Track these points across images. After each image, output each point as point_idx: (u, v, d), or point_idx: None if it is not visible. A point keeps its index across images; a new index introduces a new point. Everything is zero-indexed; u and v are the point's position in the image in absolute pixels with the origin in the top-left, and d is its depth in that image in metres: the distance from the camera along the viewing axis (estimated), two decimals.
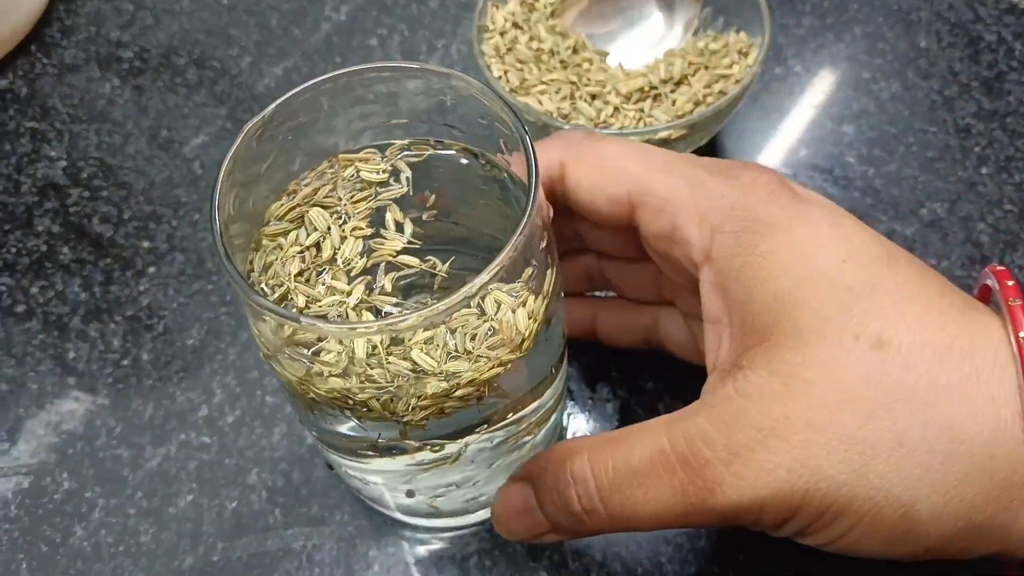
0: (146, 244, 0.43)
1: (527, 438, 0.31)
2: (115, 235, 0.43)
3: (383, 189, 0.28)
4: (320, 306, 0.26)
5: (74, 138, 0.47)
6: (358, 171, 0.28)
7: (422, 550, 0.35)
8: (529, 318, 0.25)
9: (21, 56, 0.50)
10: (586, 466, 0.26)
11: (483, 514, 0.34)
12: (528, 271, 0.25)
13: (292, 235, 0.27)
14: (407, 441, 0.27)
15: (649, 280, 0.33)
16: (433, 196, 0.28)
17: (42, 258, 0.43)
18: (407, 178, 0.28)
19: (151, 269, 0.42)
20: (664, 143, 0.39)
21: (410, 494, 0.32)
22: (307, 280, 0.27)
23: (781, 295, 0.25)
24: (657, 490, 0.25)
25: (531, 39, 0.42)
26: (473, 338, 0.24)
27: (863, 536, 0.24)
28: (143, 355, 0.40)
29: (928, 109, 0.45)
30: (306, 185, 0.28)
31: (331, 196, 0.28)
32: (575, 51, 0.42)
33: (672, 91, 0.40)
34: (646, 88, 0.40)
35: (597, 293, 0.37)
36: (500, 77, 0.41)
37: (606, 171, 0.29)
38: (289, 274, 0.26)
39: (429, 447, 0.27)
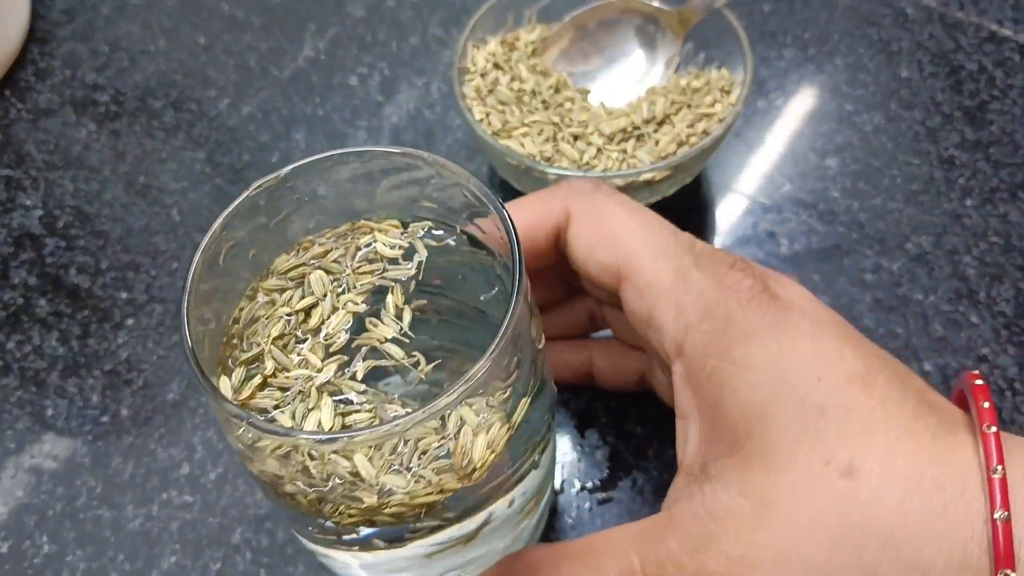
0: (124, 295, 0.42)
1: (492, 540, 0.30)
2: (92, 286, 0.42)
3: (392, 266, 0.27)
4: (287, 376, 0.25)
5: (50, 185, 0.46)
6: (374, 240, 0.27)
7: None
8: (488, 448, 0.24)
9: None
10: None
11: None
12: (502, 393, 0.24)
13: (287, 294, 0.27)
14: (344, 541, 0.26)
15: None
16: (438, 281, 0.27)
17: (18, 311, 0.42)
18: (420, 262, 0.27)
19: (129, 321, 0.41)
20: (648, 184, 0.39)
21: None
22: (285, 345, 0.26)
23: (753, 409, 0.25)
24: None
25: (512, 79, 0.42)
26: (423, 454, 0.23)
27: None
28: (123, 411, 0.39)
29: (911, 140, 0.45)
30: (321, 244, 0.28)
31: (339, 262, 0.27)
32: (557, 90, 0.42)
33: (655, 131, 0.40)
34: (629, 128, 0.40)
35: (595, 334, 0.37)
36: (482, 120, 0.40)
37: (603, 236, 0.29)
38: (268, 336, 0.26)
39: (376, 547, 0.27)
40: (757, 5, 0.51)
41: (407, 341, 0.25)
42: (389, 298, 0.26)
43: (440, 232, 0.28)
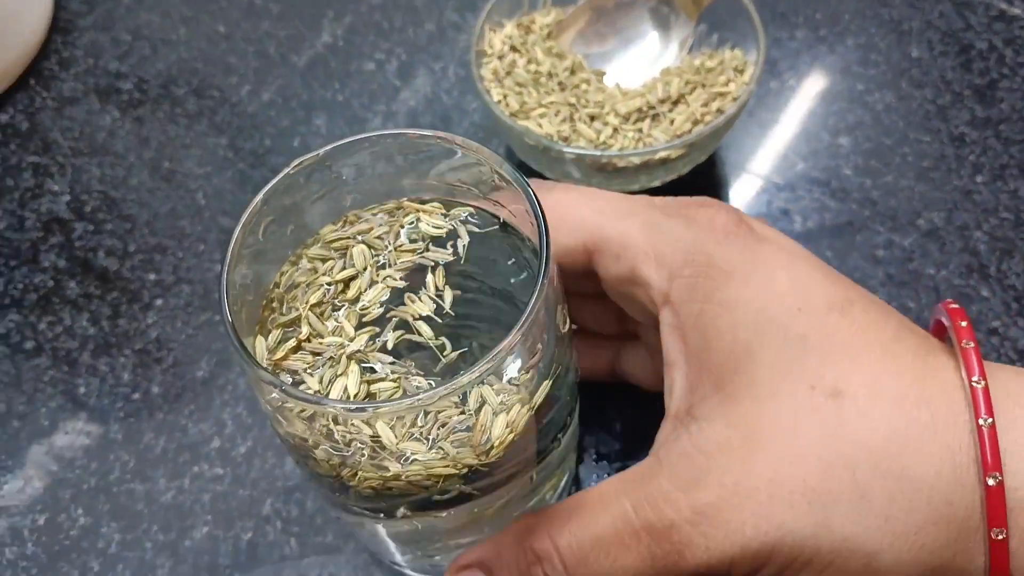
0: (152, 276, 0.43)
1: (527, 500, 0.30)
2: (121, 268, 0.43)
3: (434, 248, 0.28)
4: (320, 342, 0.26)
5: (76, 172, 0.47)
6: (418, 220, 0.28)
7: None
8: (507, 428, 0.24)
9: (20, 90, 0.50)
10: (547, 542, 0.26)
11: None
12: (525, 374, 0.25)
13: (329, 264, 0.28)
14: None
15: (610, 315, 0.33)
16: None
17: (49, 293, 0.43)
18: (464, 245, 0.28)
19: (158, 301, 0.42)
20: (663, 163, 0.39)
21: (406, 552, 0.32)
22: (322, 313, 0.27)
23: (738, 346, 0.25)
24: (625, 557, 0.25)
25: (529, 62, 0.42)
26: (443, 426, 0.24)
27: None
28: (153, 388, 0.40)
29: (922, 119, 0.46)
30: (367, 220, 0.28)
31: (382, 238, 0.28)
32: (572, 72, 0.43)
33: (670, 110, 0.41)
34: (644, 108, 0.40)
35: None
36: (500, 101, 0.41)
37: (560, 221, 0.29)
38: (307, 302, 0.27)
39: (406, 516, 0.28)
40: None
41: (439, 321, 0.26)
42: (430, 277, 0.27)
43: (479, 220, 0.28)
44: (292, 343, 0.26)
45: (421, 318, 0.26)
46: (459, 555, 0.28)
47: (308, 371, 0.26)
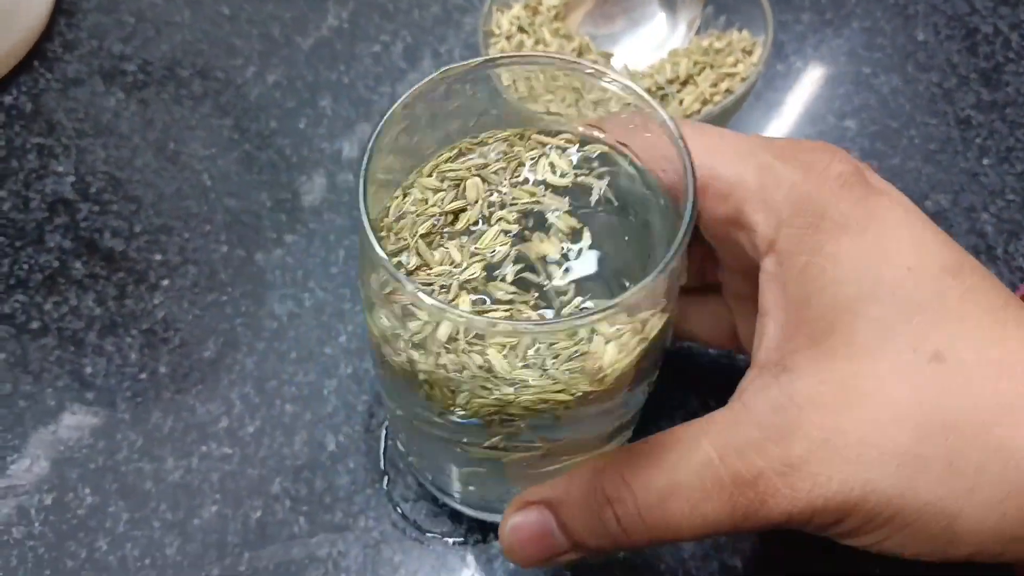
0: (158, 257, 0.43)
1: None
2: (127, 249, 0.43)
3: (553, 197, 0.27)
4: (429, 273, 0.26)
5: (81, 153, 0.47)
6: (546, 162, 0.28)
7: (447, 552, 0.35)
8: (620, 352, 0.24)
9: (24, 72, 0.50)
10: (621, 485, 0.25)
11: None
12: (641, 313, 0.24)
13: (440, 195, 0.27)
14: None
15: (691, 265, 0.33)
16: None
17: (55, 274, 0.43)
18: (603, 194, 0.27)
19: (164, 282, 0.42)
20: None
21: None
22: (430, 243, 0.27)
23: (841, 303, 0.25)
24: (704, 504, 0.24)
25: (536, 43, 0.42)
26: (556, 356, 0.24)
27: (905, 542, 0.24)
28: (160, 368, 0.40)
29: (928, 102, 0.46)
30: (482, 152, 0.28)
31: (499, 174, 0.28)
32: (580, 54, 0.42)
33: (679, 91, 0.41)
34: (653, 89, 0.40)
35: None
36: (509, 86, 0.41)
37: (663, 158, 0.28)
38: (416, 233, 0.27)
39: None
40: None
41: (561, 263, 0.26)
42: (561, 221, 0.27)
43: (610, 166, 0.28)
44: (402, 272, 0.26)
45: (544, 259, 0.26)
46: (525, 491, 0.28)
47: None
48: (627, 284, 0.26)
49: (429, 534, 0.35)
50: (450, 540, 0.35)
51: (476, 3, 0.51)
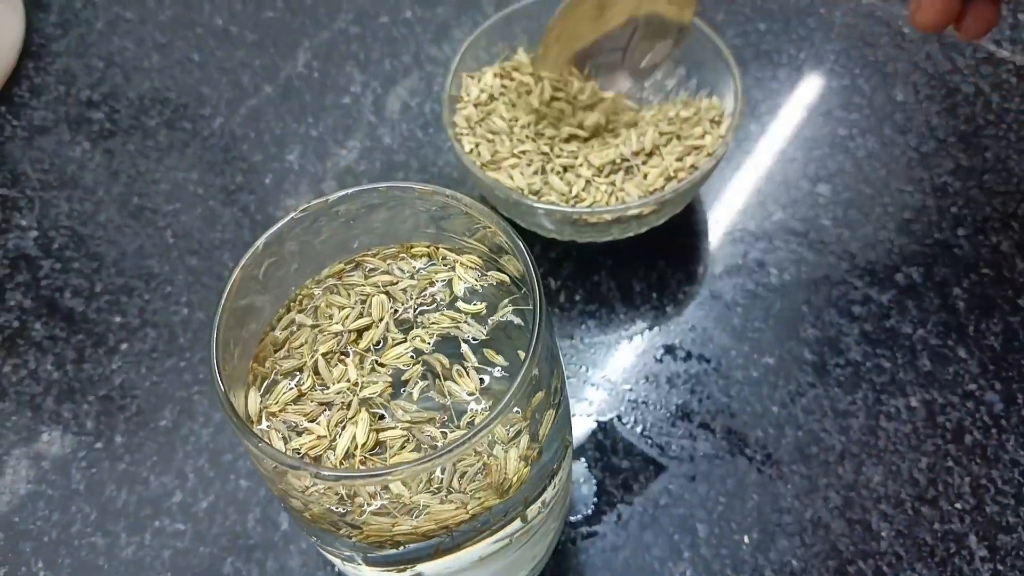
0: (118, 319, 0.42)
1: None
2: (87, 310, 0.43)
3: (471, 322, 0.27)
4: (327, 392, 0.26)
5: (45, 206, 0.46)
6: (462, 286, 0.28)
7: None
8: (520, 460, 0.25)
9: None
10: None
11: None
12: (530, 402, 0.25)
13: (346, 312, 0.28)
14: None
15: None
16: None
17: (14, 334, 0.42)
18: (496, 324, 0.28)
19: (123, 346, 0.42)
20: (637, 217, 0.39)
21: None
22: (329, 361, 0.27)
23: None
24: None
25: (507, 110, 0.42)
26: (463, 476, 0.24)
27: None
28: (116, 437, 0.39)
29: (905, 167, 0.45)
30: (386, 271, 0.29)
31: (407, 292, 0.28)
32: (554, 125, 0.42)
33: (644, 162, 0.40)
34: (617, 160, 0.40)
35: None
36: (471, 151, 0.40)
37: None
38: (315, 351, 0.27)
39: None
40: (752, 23, 0.51)
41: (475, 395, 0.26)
42: (466, 352, 0.27)
43: (517, 294, 0.28)
44: (292, 392, 0.26)
45: (466, 394, 0.26)
46: None
47: (314, 420, 0.26)
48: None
49: None
50: None
51: (448, 53, 0.50)
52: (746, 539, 0.36)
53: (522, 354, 0.27)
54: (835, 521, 0.36)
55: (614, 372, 0.40)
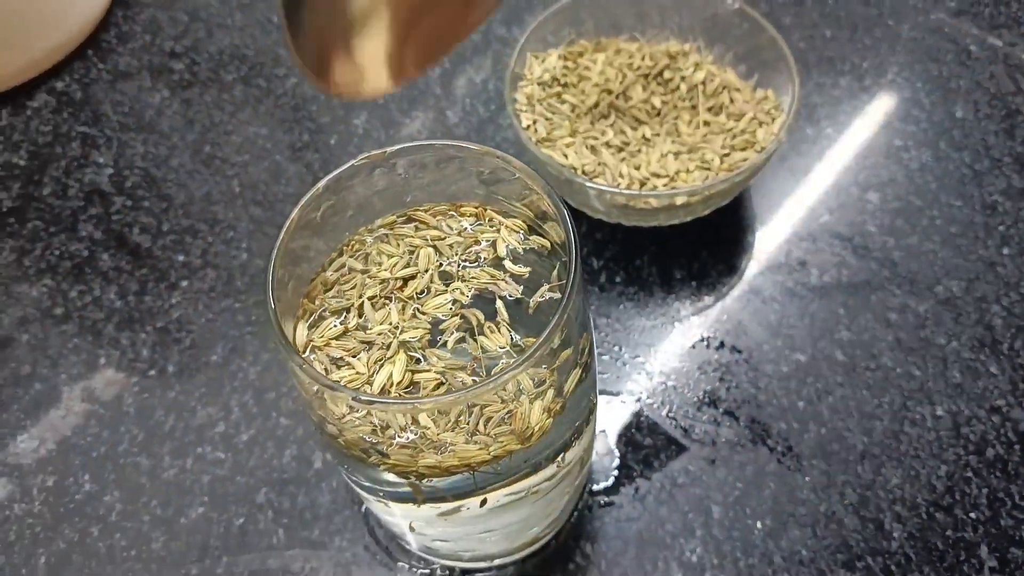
0: (181, 258, 0.45)
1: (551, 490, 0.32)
2: (153, 246, 0.45)
3: (510, 283, 0.29)
4: (369, 332, 0.28)
5: (122, 146, 0.49)
6: (505, 247, 0.29)
7: None
8: (543, 413, 0.26)
9: (78, 59, 0.52)
10: None
11: (498, 560, 0.36)
12: (557, 358, 0.26)
13: (394, 260, 0.29)
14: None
15: None
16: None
17: (83, 263, 0.45)
18: (536, 303, 0.28)
19: (184, 283, 0.44)
20: (685, 206, 0.40)
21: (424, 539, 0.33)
22: (375, 304, 0.29)
23: None
24: None
25: (570, 92, 0.43)
26: (488, 420, 0.26)
27: None
28: (169, 367, 0.42)
29: (957, 182, 0.45)
30: (434, 225, 0.30)
31: (453, 248, 0.30)
32: (608, 108, 0.43)
33: (696, 152, 0.41)
34: (671, 149, 0.41)
35: None
36: (528, 127, 0.42)
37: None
38: (363, 295, 0.29)
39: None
40: (819, 29, 0.51)
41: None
42: (500, 309, 0.28)
43: (557, 262, 0.29)
44: (338, 329, 0.28)
45: (499, 348, 0.28)
46: None
47: (353, 355, 0.27)
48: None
49: (399, 563, 0.37)
50: (418, 571, 0.36)
51: (518, 36, 0.52)
52: (759, 525, 0.37)
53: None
54: (849, 517, 0.37)
55: (646, 354, 0.41)
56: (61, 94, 0.51)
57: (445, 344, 0.28)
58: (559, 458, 0.29)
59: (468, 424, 0.26)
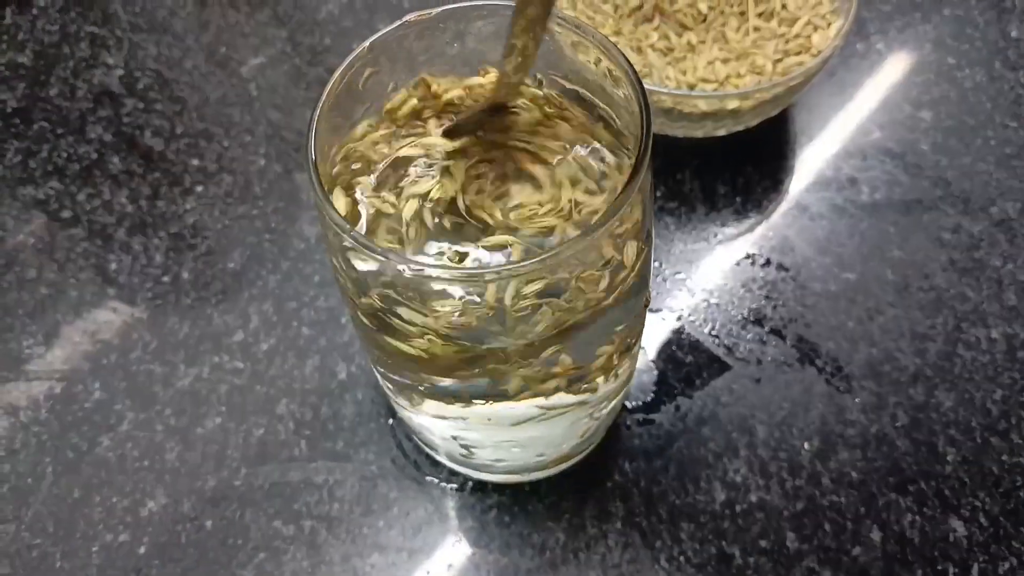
0: (195, 162, 0.42)
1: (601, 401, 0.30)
2: (166, 150, 0.43)
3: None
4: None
5: (133, 47, 0.46)
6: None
7: (443, 497, 0.34)
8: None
9: None
10: None
11: (531, 476, 0.34)
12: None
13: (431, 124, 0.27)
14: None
15: None
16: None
17: (92, 166, 0.42)
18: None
19: (199, 188, 0.42)
20: (733, 113, 0.38)
21: (466, 447, 0.31)
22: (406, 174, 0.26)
23: None
24: None
25: None
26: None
27: None
28: (184, 273, 0.39)
29: (1011, 103, 0.43)
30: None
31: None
32: (659, 13, 0.40)
33: (747, 56, 0.38)
34: (721, 53, 0.38)
35: None
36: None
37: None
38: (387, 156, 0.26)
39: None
40: None
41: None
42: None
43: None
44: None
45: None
46: None
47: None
48: None
49: (428, 477, 0.35)
50: (447, 486, 0.35)
51: None
52: (806, 445, 0.35)
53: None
54: (900, 439, 0.35)
55: (688, 270, 0.39)
56: None
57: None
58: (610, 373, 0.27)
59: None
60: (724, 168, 0.41)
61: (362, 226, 0.25)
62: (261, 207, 0.41)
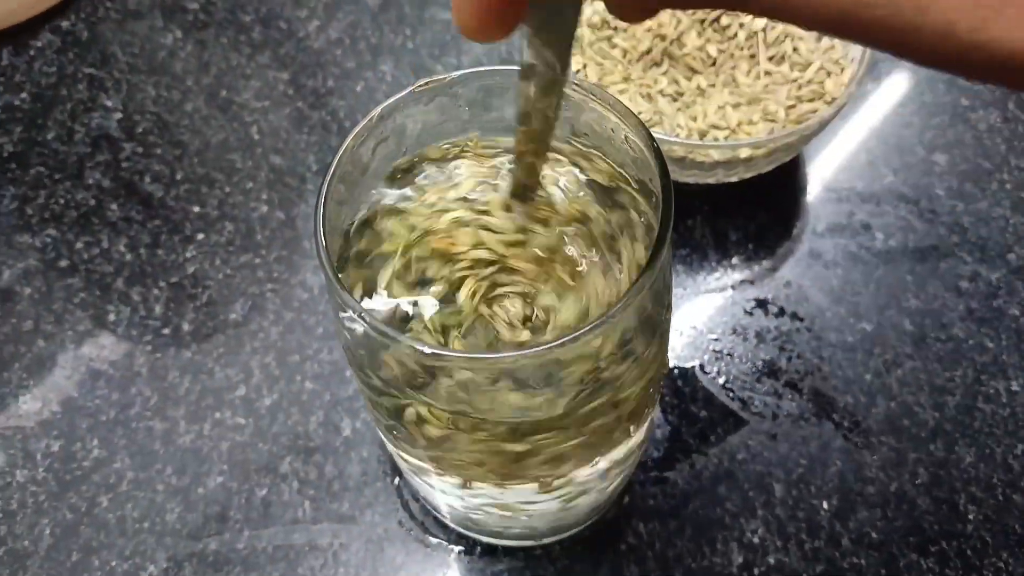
0: (196, 209, 0.41)
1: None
2: (166, 196, 0.42)
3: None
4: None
5: (132, 89, 0.45)
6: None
7: (451, 561, 0.33)
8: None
9: None
10: None
11: (542, 540, 0.33)
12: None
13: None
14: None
15: None
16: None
17: (89, 213, 0.42)
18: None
19: (199, 236, 0.41)
20: (747, 161, 0.37)
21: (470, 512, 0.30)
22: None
23: None
24: None
25: (619, 36, 0.40)
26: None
27: None
28: (184, 325, 0.39)
29: None
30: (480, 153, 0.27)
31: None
32: (669, 55, 0.40)
33: (759, 103, 0.38)
34: (731, 99, 0.38)
35: None
36: (578, 71, 0.39)
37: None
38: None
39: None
40: None
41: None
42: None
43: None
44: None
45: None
46: None
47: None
48: None
49: (435, 539, 0.34)
50: (455, 548, 0.34)
51: None
52: (825, 505, 0.34)
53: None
54: (921, 498, 0.34)
55: (700, 320, 0.38)
56: (66, 33, 0.47)
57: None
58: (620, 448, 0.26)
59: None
60: (736, 214, 0.41)
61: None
62: (263, 256, 0.40)
